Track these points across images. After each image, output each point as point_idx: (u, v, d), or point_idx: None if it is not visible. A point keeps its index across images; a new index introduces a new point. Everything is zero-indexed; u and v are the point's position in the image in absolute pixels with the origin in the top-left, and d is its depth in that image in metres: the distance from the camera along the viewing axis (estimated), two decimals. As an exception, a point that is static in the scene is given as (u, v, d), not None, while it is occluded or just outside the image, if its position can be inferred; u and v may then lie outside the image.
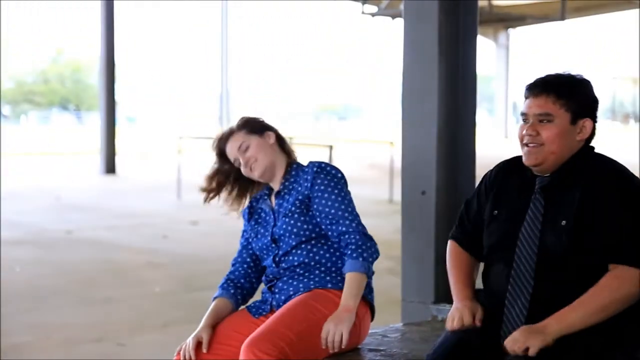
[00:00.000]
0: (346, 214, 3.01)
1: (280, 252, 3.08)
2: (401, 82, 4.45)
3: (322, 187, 3.03)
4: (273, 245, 3.10)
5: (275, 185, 3.17)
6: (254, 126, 3.17)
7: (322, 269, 3.04)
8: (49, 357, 5.53)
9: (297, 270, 3.05)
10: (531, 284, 2.52)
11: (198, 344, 3.00)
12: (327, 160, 3.42)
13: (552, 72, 2.64)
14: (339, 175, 3.09)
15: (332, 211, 3.01)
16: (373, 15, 23.94)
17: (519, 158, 2.68)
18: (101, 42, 21.56)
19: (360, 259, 2.94)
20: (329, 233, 3.03)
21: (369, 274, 2.98)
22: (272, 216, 3.15)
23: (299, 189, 3.09)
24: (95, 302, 7.20)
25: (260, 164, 3.12)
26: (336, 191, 3.04)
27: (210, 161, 3.29)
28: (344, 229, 2.99)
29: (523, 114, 2.61)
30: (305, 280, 3.03)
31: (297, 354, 2.83)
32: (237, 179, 3.23)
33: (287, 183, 3.14)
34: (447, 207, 4.29)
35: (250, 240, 3.22)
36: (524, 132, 2.58)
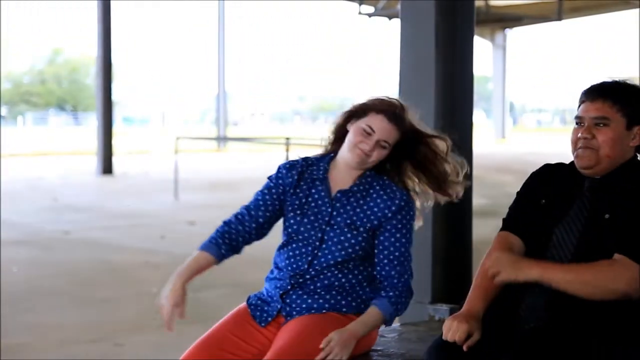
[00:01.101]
0: (405, 263, 2.90)
1: (322, 260, 2.89)
2: (398, 82, 4.46)
3: (399, 226, 2.89)
4: (317, 244, 2.90)
5: (341, 183, 2.94)
6: (406, 131, 2.91)
7: (340, 290, 2.91)
8: (46, 358, 5.53)
9: (317, 285, 2.91)
10: None
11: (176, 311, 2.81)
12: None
13: (609, 79, 2.67)
14: (413, 214, 2.95)
15: (396, 253, 2.88)
16: (370, 15, 23.97)
17: (562, 164, 2.72)
18: (98, 42, 21.57)
19: (394, 307, 2.88)
20: (378, 266, 2.90)
21: (389, 322, 2.93)
22: (328, 209, 2.92)
23: (380, 205, 2.89)
24: (92, 302, 7.20)
25: (373, 158, 2.88)
26: (405, 232, 2.90)
27: (205, 163, 3.19)
28: (394, 274, 2.88)
29: (578, 118, 2.62)
30: (321, 301, 2.90)
31: None
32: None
33: (361, 186, 2.92)
34: (444, 207, 4.27)
35: (282, 209, 2.97)
36: (579, 135, 2.60)
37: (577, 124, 2.63)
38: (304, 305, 2.90)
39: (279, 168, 3.02)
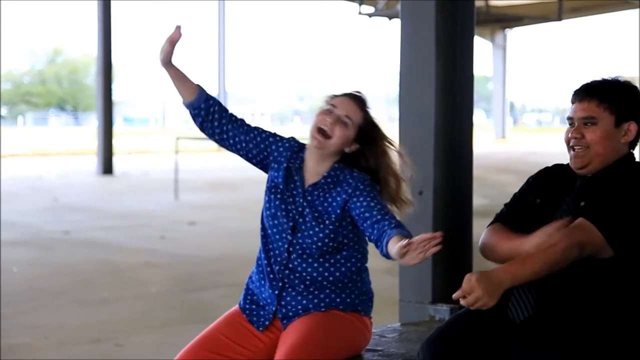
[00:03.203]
0: (383, 208, 2.84)
1: (298, 248, 2.90)
2: (398, 82, 4.46)
3: (365, 194, 2.86)
4: (290, 232, 2.91)
5: (312, 175, 2.95)
6: (364, 125, 2.94)
7: (333, 287, 2.91)
8: (46, 358, 5.53)
9: (307, 283, 2.91)
10: None
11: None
12: None
13: (598, 77, 2.71)
14: (376, 188, 2.94)
15: (370, 205, 2.84)
16: (370, 15, 23.95)
17: (560, 164, 2.76)
18: (98, 42, 21.58)
19: (403, 227, 2.75)
20: (367, 230, 2.82)
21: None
22: (300, 199, 2.94)
23: (341, 193, 2.89)
24: (92, 302, 7.20)
25: (334, 139, 2.89)
26: (374, 195, 2.87)
27: (205, 163, 3.23)
28: (379, 217, 2.80)
29: (569, 119, 2.68)
30: (316, 300, 2.90)
31: None
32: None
33: (329, 179, 2.92)
34: (445, 207, 4.29)
35: (271, 188, 2.97)
36: (570, 135, 2.66)
37: (569, 124, 2.69)
38: (299, 307, 2.90)
39: (290, 140, 3.07)
